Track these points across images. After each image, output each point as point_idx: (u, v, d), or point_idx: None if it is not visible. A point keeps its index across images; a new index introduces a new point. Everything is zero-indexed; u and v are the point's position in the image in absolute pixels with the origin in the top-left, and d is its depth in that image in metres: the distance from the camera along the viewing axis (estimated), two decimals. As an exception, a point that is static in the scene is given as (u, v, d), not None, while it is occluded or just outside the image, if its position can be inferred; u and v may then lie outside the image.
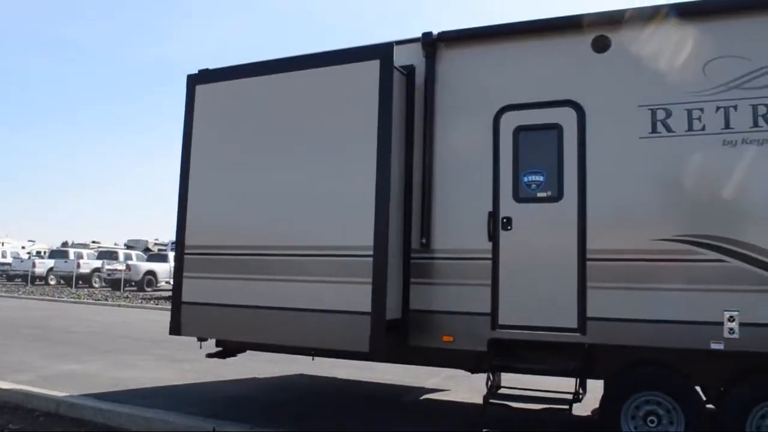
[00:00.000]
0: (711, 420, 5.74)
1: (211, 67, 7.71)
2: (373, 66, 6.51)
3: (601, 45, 6.15)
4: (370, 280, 6.21)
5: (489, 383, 6.50)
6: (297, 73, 7.04)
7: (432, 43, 6.71)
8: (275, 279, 6.70)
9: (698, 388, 5.98)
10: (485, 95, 6.46)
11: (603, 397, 6.08)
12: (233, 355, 7.97)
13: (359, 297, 6.22)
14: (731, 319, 5.51)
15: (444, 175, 6.54)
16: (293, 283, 6.61)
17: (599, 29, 6.18)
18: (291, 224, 6.71)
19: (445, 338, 6.39)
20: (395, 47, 6.52)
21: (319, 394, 8.53)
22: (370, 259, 6.24)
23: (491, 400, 6.28)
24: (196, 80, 7.59)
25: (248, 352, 8.09)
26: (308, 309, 6.47)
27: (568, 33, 6.33)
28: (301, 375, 9.58)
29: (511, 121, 6.33)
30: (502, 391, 6.66)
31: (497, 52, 6.56)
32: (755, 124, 5.62)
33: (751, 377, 5.68)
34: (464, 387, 8.44)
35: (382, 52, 6.52)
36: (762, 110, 5.60)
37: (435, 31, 6.75)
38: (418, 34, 6.80)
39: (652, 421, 5.82)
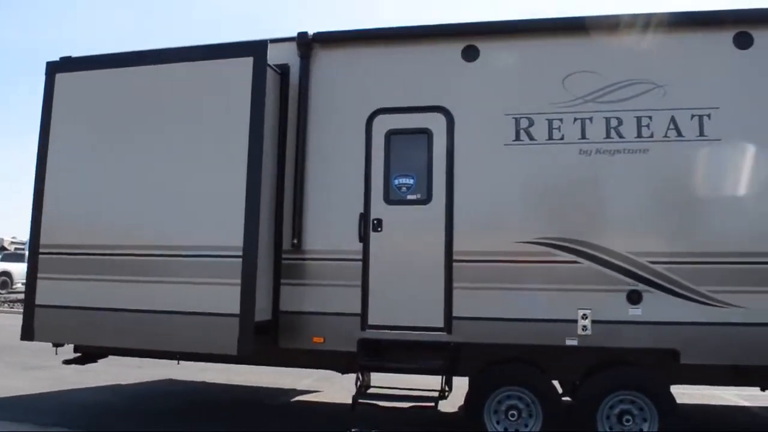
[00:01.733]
0: (567, 412, 6.07)
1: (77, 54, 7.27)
2: (247, 63, 6.41)
3: (470, 54, 6.38)
4: (239, 281, 6.09)
5: (358, 383, 6.55)
6: (168, 66, 6.80)
7: (307, 43, 6.69)
8: (138, 280, 6.42)
9: (555, 383, 6.30)
10: (358, 98, 6.54)
11: (468, 393, 6.30)
12: (94, 360, 7.55)
13: (227, 298, 6.09)
14: (584, 316, 5.89)
15: (316, 175, 6.54)
16: (157, 284, 6.37)
17: (469, 39, 6.42)
18: (155, 223, 6.47)
19: (316, 339, 6.38)
20: (270, 45, 6.45)
21: (187, 400, 8.27)
22: (239, 259, 6.11)
23: (360, 400, 6.34)
24: (56, 68, 7.14)
25: (113, 357, 7.68)
26: (173, 311, 6.25)
27: (440, 41, 6.53)
28: (169, 380, 9.24)
29: (383, 125, 6.44)
30: (371, 390, 6.73)
31: (371, 56, 6.65)
32: (608, 135, 6.04)
33: (602, 371, 6.08)
34: (336, 387, 8.48)
35: (256, 49, 6.43)
36: (614, 123, 6.04)
37: (311, 32, 6.71)
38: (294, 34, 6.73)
39: (512, 415, 6.12)
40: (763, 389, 6.57)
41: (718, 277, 5.80)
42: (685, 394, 8.08)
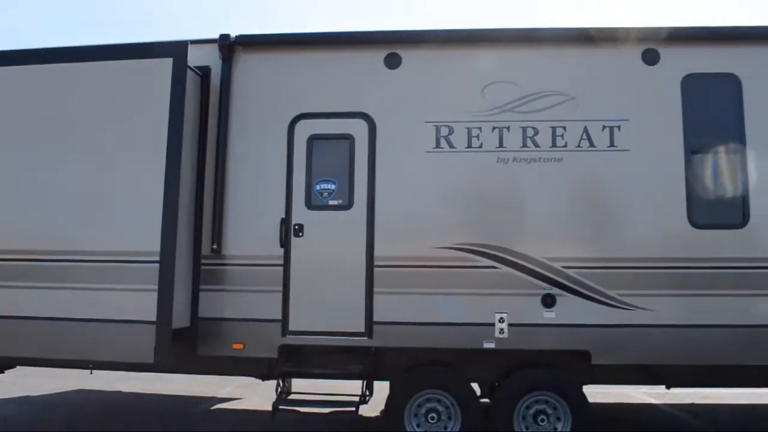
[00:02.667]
0: (485, 413, 6.22)
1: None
2: (166, 64, 6.27)
3: (393, 62, 6.47)
4: (156, 287, 5.93)
5: (279, 389, 6.51)
6: (83, 65, 6.56)
7: (229, 46, 6.62)
8: (47, 287, 6.16)
9: (474, 385, 6.44)
10: (281, 102, 6.51)
11: (388, 397, 6.37)
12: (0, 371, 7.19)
13: (144, 305, 5.93)
14: (501, 320, 6.06)
15: (237, 180, 6.47)
16: (68, 290, 6.14)
17: (392, 47, 6.50)
18: (67, 228, 6.23)
19: (236, 346, 6.30)
20: (191, 46, 6.34)
21: (102, 410, 7.99)
22: (156, 265, 5.96)
23: (281, 407, 6.31)
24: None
25: (24, 368, 7.34)
26: (85, 319, 6.03)
27: (363, 48, 6.59)
28: (82, 391, 8.91)
29: (305, 130, 6.44)
30: (292, 396, 6.70)
31: (295, 61, 6.64)
32: (524, 144, 6.24)
33: (518, 372, 6.28)
34: (258, 394, 8.39)
35: (175, 49, 6.31)
36: (530, 132, 6.24)
37: (233, 34, 6.64)
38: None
39: (432, 418, 6.22)
40: (668, 387, 6.91)
41: (627, 281, 6.08)
42: (598, 393, 8.41)
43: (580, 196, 6.20)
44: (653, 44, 6.36)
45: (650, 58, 6.34)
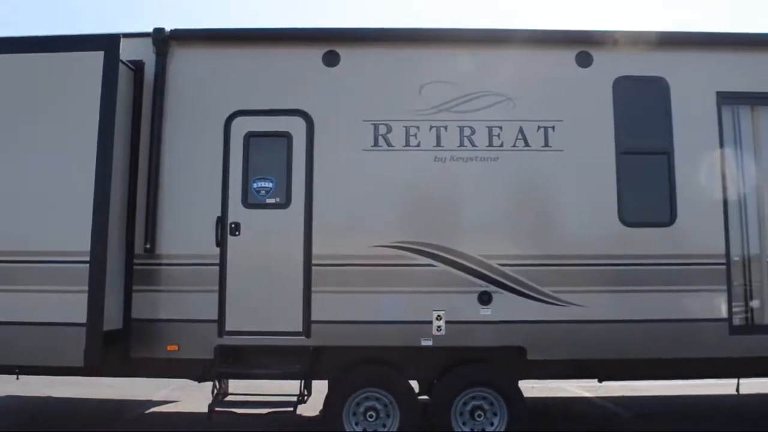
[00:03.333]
0: (424, 410, 6.30)
1: None
2: (97, 57, 6.10)
3: (331, 60, 6.45)
4: (86, 288, 5.77)
5: (215, 391, 6.42)
6: (9, 56, 6.33)
7: (164, 40, 6.48)
8: (-32, 288, 5.90)
9: (413, 382, 6.49)
10: (217, 98, 6.42)
11: (327, 396, 6.35)
12: None
13: (73, 307, 5.76)
14: (439, 317, 6.13)
15: (172, 177, 6.34)
16: (-8, 292, 5.89)
17: (331, 44, 6.49)
18: (-10, 226, 5.98)
19: (170, 347, 6.19)
20: (123, 40, 6.18)
21: (30, 416, 7.72)
22: (86, 265, 5.80)
23: (217, 408, 6.22)
24: None
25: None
26: (11, 322, 5.81)
27: (302, 45, 6.56)
28: (10, 397, 8.58)
29: (242, 127, 6.36)
30: (229, 398, 6.61)
31: (231, 56, 6.56)
32: (461, 143, 6.32)
33: (455, 369, 6.36)
34: (195, 397, 8.24)
35: (107, 43, 6.14)
36: (467, 132, 6.33)
37: (167, 28, 6.50)
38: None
39: (371, 417, 6.25)
40: (600, 381, 7.12)
41: (561, 278, 6.24)
42: (534, 387, 8.62)
43: (515, 195, 6.33)
44: (586, 47, 6.53)
45: (583, 60, 6.51)
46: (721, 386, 8.02)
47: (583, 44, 6.52)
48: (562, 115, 6.36)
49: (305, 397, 6.55)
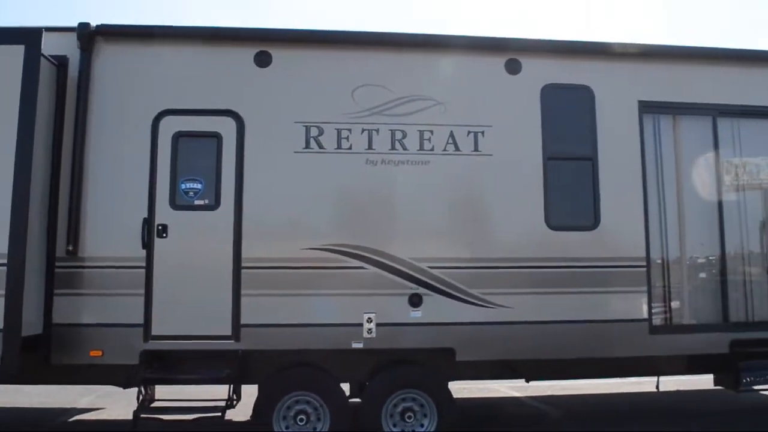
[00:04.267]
0: (354, 413, 6.34)
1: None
2: (17, 51, 5.89)
3: (263, 60, 6.44)
4: (3, 291, 5.57)
5: (141, 397, 6.29)
6: None
7: (89, 35, 6.32)
8: None
9: (344, 385, 6.54)
10: (145, 97, 6.30)
11: (257, 400, 6.32)
12: None
13: (-11, 311, 5.54)
14: (369, 320, 6.20)
15: (96, 177, 6.18)
16: None
17: (262, 45, 6.47)
18: None
19: (93, 353, 6.04)
20: (46, 34, 6.00)
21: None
22: (4, 268, 5.60)
23: (142, 415, 6.10)
24: None
25: None
26: None
27: (233, 44, 6.52)
28: None
29: (170, 126, 6.27)
30: (156, 404, 6.50)
31: (160, 54, 6.46)
32: (393, 147, 6.41)
33: (385, 371, 6.45)
34: (121, 404, 8.04)
35: (28, 36, 5.94)
36: (399, 135, 6.42)
37: (93, 23, 6.36)
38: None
39: (301, 420, 6.26)
40: (527, 381, 7.34)
41: (489, 280, 6.40)
42: (465, 388, 8.79)
43: (445, 198, 6.45)
44: (516, 54, 6.72)
45: (513, 67, 6.69)
46: (643, 384, 8.38)
47: (513, 52, 6.71)
48: (492, 120, 6.53)
49: (234, 402, 6.49)
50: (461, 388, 8.65)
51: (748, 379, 6.97)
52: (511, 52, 6.69)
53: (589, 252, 6.54)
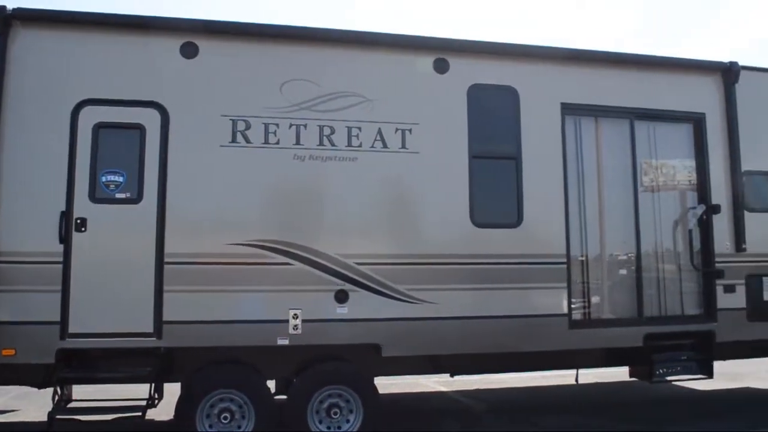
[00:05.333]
0: (280, 410, 6.35)
1: None
2: None
3: (189, 51, 6.36)
4: None
5: (57, 398, 6.13)
6: None
7: (5, 19, 6.07)
8: None
9: (270, 382, 6.56)
10: (64, 85, 6.10)
11: (179, 398, 6.25)
12: None
13: None
14: (295, 316, 6.22)
15: (11, 168, 5.93)
16: None
17: (189, 36, 6.39)
18: None
19: (6, 352, 5.83)
20: (-44, 16, 5.74)
21: None
22: None
23: (58, 416, 5.94)
24: None
25: None
26: None
27: (159, 34, 6.40)
28: None
29: (91, 117, 6.11)
30: (73, 404, 6.34)
31: (82, 41, 6.28)
32: (321, 142, 6.46)
33: (311, 368, 6.48)
34: (37, 405, 7.80)
35: (-65, 18, 5.68)
36: (327, 131, 6.47)
37: (9, 6, 6.13)
38: None
39: (225, 418, 6.21)
40: (452, 375, 7.54)
41: (415, 276, 6.53)
42: (393, 384, 8.94)
43: (373, 195, 6.55)
44: (444, 54, 6.88)
45: (441, 67, 6.86)
46: (564, 377, 8.73)
47: (441, 51, 6.86)
48: (419, 118, 6.66)
49: (156, 401, 6.41)
50: (389, 384, 8.81)
51: (660, 370, 7.37)
52: (439, 52, 6.85)
53: (513, 249, 6.77)
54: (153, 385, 6.28)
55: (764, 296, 7.66)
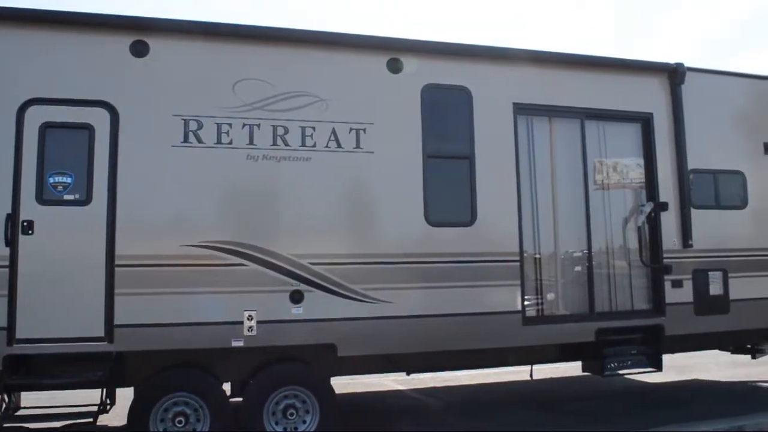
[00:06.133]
0: (236, 412, 6.35)
1: None
2: None
3: (139, 49, 6.31)
4: None
5: (4, 405, 6.03)
6: None
7: (-53, 16, 5.93)
8: None
9: (226, 384, 6.56)
10: (10, 84, 5.95)
11: (132, 402, 6.20)
12: None
13: None
14: (250, 317, 6.23)
15: (-48, 170, 5.82)
16: None
17: (138, 33, 6.32)
18: None
19: (-50, 359, 5.71)
20: None
21: None
22: None
23: (6, 424, 5.85)
24: None
25: None
26: None
27: (108, 32, 6.33)
28: None
29: (37, 116, 6.00)
30: (21, 412, 6.24)
31: (28, 39, 6.15)
32: (274, 142, 6.48)
33: (267, 369, 6.50)
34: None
35: None
36: (280, 131, 6.50)
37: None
38: None
39: (180, 422, 6.19)
40: (408, 374, 7.64)
41: (370, 275, 6.61)
42: (350, 383, 9.01)
43: (327, 195, 6.59)
44: (397, 54, 6.97)
45: (394, 66, 6.95)
46: (519, 373, 8.93)
47: (394, 51, 6.95)
48: (373, 118, 6.74)
49: (108, 407, 6.35)
50: (347, 383, 8.87)
51: (612, 364, 7.61)
52: (392, 52, 6.93)
53: (467, 247, 6.90)
54: (105, 390, 6.23)
55: (710, 291, 7.94)
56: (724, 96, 8.41)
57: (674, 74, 7.98)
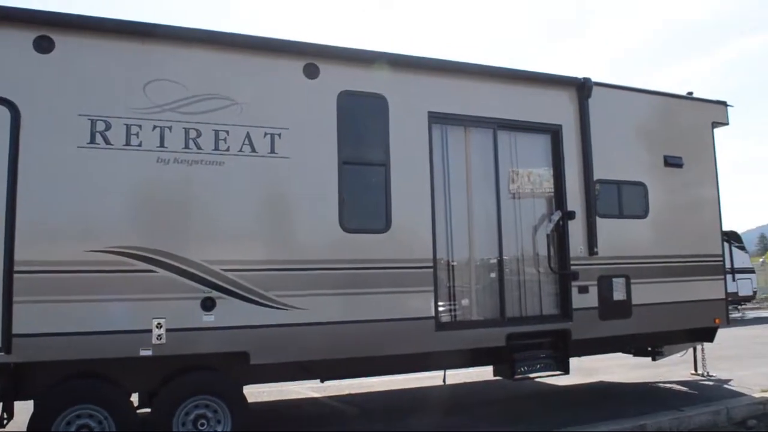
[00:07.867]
0: (144, 424, 6.25)
1: None
2: None
3: (44, 45, 6.12)
4: None
5: None
6: None
7: None
8: None
9: (132, 395, 6.45)
10: None
11: (32, 416, 5.99)
12: None
13: None
14: (159, 326, 6.15)
15: None
16: None
17: (43, 29, 6.13)
18: None
19: None
20: None
21: None
22: None
23: None
24: None
25: None
26: None
27: (10, 26, 6.09)
28: None
29: (-72, 114, 5.73)
30: None
31: None
32: (186, 146, 6.43)
33: (176, 378, 6.43)
34: None
35: None
36: (193, 134, 6.46)
37: None
38: None
39: (83, 435, 6.01)
40: (322, 381, 7.74)
41: (285, 282, 6.66)
42: (265, 392, 9.01)
43: (241, 200, 6.58)
44: (314, 59, 7.07)
45: (311, 72, 7.04)
46: (433, 378, 9.17)
47: (311, 57, 7.04)
48: (289, 123, 6.81)
49: (5, 421, 6.13)
50: (260, 392, 8.87)
51: (522, 368, 7.96)
52: (309, 57, 7.01)
53: (381, 254, 7.07)
54: (2, 403, 5.99)
55: (614, 296, 8.44)
56: (628, 110, 8.98)
57: (582, 88, 8.45)
